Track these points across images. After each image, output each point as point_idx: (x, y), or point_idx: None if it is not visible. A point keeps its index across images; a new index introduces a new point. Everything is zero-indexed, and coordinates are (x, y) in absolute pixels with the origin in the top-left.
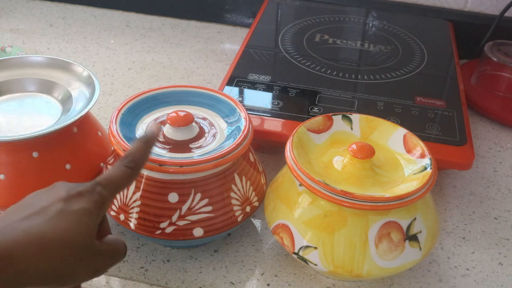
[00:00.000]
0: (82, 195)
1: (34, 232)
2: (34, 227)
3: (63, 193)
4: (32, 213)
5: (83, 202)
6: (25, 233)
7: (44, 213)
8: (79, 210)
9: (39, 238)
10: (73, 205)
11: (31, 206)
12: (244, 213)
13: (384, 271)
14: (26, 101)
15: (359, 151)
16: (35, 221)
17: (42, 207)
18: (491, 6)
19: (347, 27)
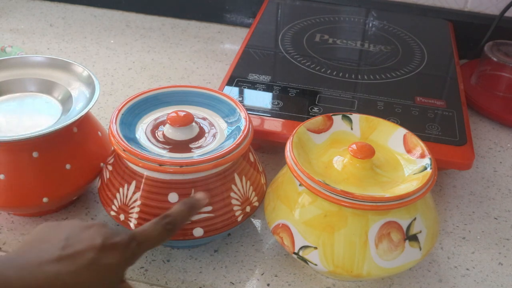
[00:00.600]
0: (116, 249)
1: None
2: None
3: (99, 241)
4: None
5: (115, 257)
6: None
7: (75, 259)
8: (109, 265)
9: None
10: (105, 258)
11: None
12: (244, 213)
13: (384, 271)
14: (26, 101)
15: (359, 151)
16: (64, 268)
17: (75, 252)
18: (491, 6)
19: (347, 27)
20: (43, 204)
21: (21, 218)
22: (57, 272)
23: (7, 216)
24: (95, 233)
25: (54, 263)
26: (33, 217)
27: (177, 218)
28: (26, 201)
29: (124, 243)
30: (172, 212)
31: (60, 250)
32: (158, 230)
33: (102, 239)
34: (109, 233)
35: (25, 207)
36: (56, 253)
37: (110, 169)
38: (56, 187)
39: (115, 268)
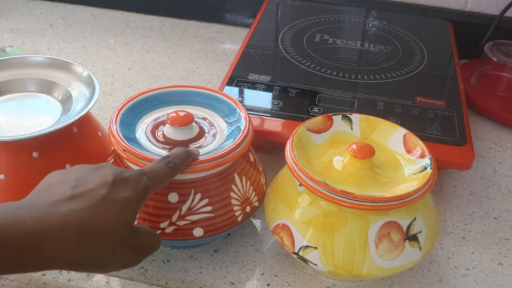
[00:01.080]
0: (128, 183)
1: (74, 218)
2: (74, 212)
3: (110, 177)
4: (76, 194)
5: (127, 191)
6: (64, 218)
7: (87, 197)
8: (122, 199)
9: (77, 226)
10: (117, 193)
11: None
12: (244, 213)
13: (384, 271)
14: (26, 101)
15: (359, 151)
16: (77, 205)
17: (86, 190)
18: (491, 6)
19: (347, 27)
20: None
21: None
22: (71, 210)
23: None
24: (105, 172)
25: (66, 202)
26: None
27: (176, 158)
28: None
29: (135, 178)
30: (171, 153)
31: (72, 189)
32: (161, 167)
33: (114, 175)
34: (119, 170)
35: None
36: (68, 193)
37: None
38: None
39: (129, 202)
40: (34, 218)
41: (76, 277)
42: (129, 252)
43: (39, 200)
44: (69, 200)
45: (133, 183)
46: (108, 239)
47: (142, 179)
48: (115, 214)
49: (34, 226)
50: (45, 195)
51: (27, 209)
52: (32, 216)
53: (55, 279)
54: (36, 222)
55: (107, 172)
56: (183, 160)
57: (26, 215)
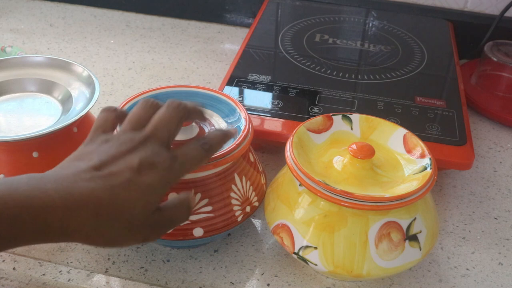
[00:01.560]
0: (155, 168)
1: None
2: (95, 191)
3: (135, 162)
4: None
5: (153, 177)
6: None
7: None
8: (146, 184)
9: (95, 205)
10: (142, 178)
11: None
12: (244, 213)
13: (384, 271)
14: (26, 101)
15: (359, 151)
16: (98, 184)
17: (109, 172)
18: (491, 6)
19: (347, 27)
20: None
21: None
22: (92, 188)
23: None
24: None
25: (88, 180)
26: None
27: (213, 140)
28: None
29: (165, 163)
30: (207, 135)
31: (96, 170)
32: (196, 150)
33: (139, 160)
34: (149, 154)
35: None
36: (91, 172)
37: None
38: None
39: (153, 188)
40: (60, 192)
41: (76, 277)
42: (148, 229)
43: (64, 173)
44: (92, 179)
45: (161, 169)
46: (126, 221)
47: (173, 165)
48: (136, 198)
49: (59, 199)
50: (71, 169)
51: (53, 182)
52: (57, 189)
53: (55, 279)
54: (61, 196)
55: (133, 158)
56: (219, 142)
57: (52, 189)
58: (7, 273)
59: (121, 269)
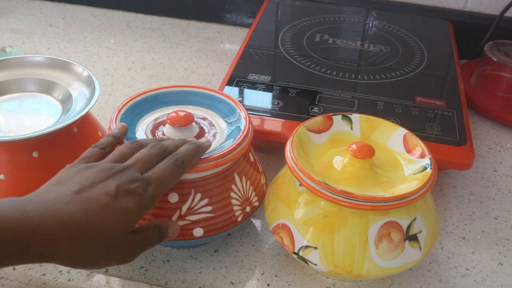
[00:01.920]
0: (131, 194)
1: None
2: (74, 215)
3: (113, 188)
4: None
5: (130, 202)
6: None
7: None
8: (123, 209)
9: (75, 228)
10: (119, 203)
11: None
12: (244, 213)
13: (384, 271)
14: (26, 101)
15: (359, 151)
16: (77, 208)
17: (88, 197)
18: (491, 6)
19: (347, 27)
20: None
21: None
22: (71, 212)
23: None
24: (109, 184)
25: (68, 203)
26: None
27: (184, 154)
28: None
29: (140, 189)
30: (179, 151)
31: (75, 194)
32: (168, 169)
33: (116, 187)
34: (124, 181)
35: None
36: (71, 196)
37: None
38: None
39: (130, 212)
40: (41, 215)
41: (76, 277)
42: (124, 252)
43: (45, 197)
44: (71, 202)
45: (137, 195)
46: (103, 243)
47: (148, 190)
48: (113, 222)
49: (40, 222)
50: (51, 193)
51: (34, 205)
52: (38, 212)
53: (55, 279)
54: (41, 219)
55: (110, 184)
56: (192, 157)
57: (33, 211)
58: (7, 273)
59: (121, 269)
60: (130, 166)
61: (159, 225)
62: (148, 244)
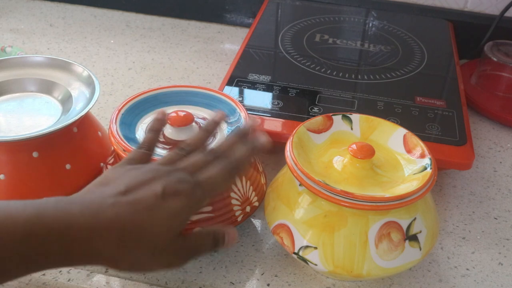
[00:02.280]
0: (179, 195)
1: (118, 222)
2: (120, 217)
3: (159, 189)
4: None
5: (177, 204)
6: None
7: (135, 204)
8: (170, 210)
9: (120, 229)
10: (166, 205)
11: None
12: (244, 213)
13: (384, 271)
14: (26, 101)
15: (359, 151)
16: (123, 209)
17: (134, 199)
18: (491, 6)
19: (347, 27)
20: None
21: None
22: (117, 213)
23: None
24: (156, 184)
25: (113, 205)
26: None
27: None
28: None
29: (188, 191)
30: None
31: (121, 195)
32: (221, 173)
33: (163, 188)
34: (172, 181)
35: None
36: (117, 197)
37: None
38: (56, 187)
39: (177, 214)
40: (85, 216)
41: (76, 277)
42: (171, 255)
43: (90, 197)
44: (117, 204)
45: (185, 196)
46: (149, 245)
47: (196, 192)
48: (159, 223)
49: (84, 223)
50: (96, 193)
51: (79, 206)
52: (83, 213)
53: (55, 279)
54: (86, 220)
55: (158, 185)
56: (245, 161)
57: (78, 212)
58: None
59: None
60: (179, 169)
61: (214, 232)
62: (200, 250)
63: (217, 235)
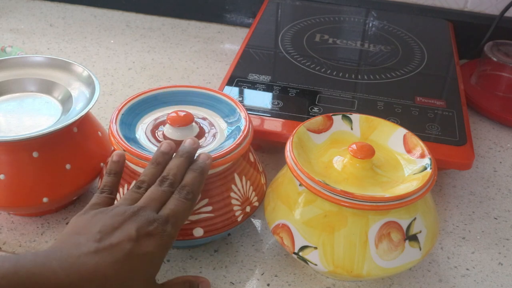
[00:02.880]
0: (152, 236)
1: (100, 273)
2: (100, 267)
3: (133, 232)
4: (101, 247)
5: (151, 245)
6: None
7: (112, 252)
8: (147, 255)
9: (102, 280)
10: (141, 248)
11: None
12: (244, 213)
13: (384, 271)
14: (26, 101)
15: (359, 151)
16: (103, 259)
17: (111, 244)
18: (491, 6)
19: (347, 27)
20: (43, 204)
21: (21, 218)
22: (97, 264)
23: (7, 216)
24: (128, 227)
25: (92, 255)
26: (33, 217)
27: (193, 185)
28: (26, 201)
29: (159, 230)
30: (187, 182)
31: (97, 242)
32: (182, 204)
33: (136, 229)
34: (142, 223)
35: (25, 207)
36: (93, 246)
37: None
38: (56, 187)
39: (154, 258)
40: (65, 270)
41: None
42: None
43: (68, 251)
44: (95, 253)
45: (158, 237)
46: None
47: (167, 229)
48: (139, 270)
49: (65, 278)
50: (72, 244)
51: (58, 260)
52: (63, 267)
53: None
54: (67, 274)
55: (130, 227)
56: (199, 184)
57: (58, 266)
58: None
59: None
60: (144, 207)
61: (189, 281)
62: None
63: (192, 284)
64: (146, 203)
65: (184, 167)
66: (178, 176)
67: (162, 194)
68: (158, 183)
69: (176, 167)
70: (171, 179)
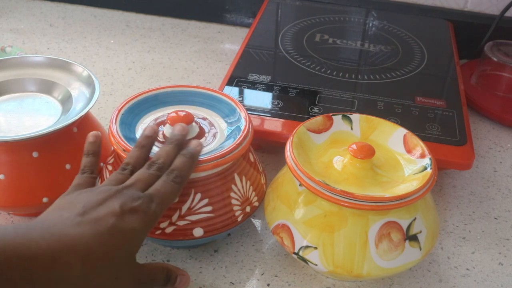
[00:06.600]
0: (136, 212)
1: (82, 244)
2: (83, 237)
3: (117, 207)
4: (84, 220)
5: (135, 221)
6: (73, 242)
7: (95, 225)
8: (130, 230)
9: (85, 251)
10: (125, 223)
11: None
12: (244, 213)
13: (384, 271)
14: (26, 101)
15: (359, 151)
16: (86, 230)
17: (94, 218)
18: (491, 6)
19: (347, 27)
20: (43, 204)
21: (21, 218)
22: (80, 234)
23: (7, 216)
24: (113, 203)
25: (75, 226)
26: (33, 217)
27: (182, 170)
28: (26, 201)
29: (144, 206)
30: (176, 166)
31: (80, 216)
32: (169, 186)
33: (120, 204)
34: (127, 199)
35: (25, 207)
36: (76, 219)
37: (110, 169)
38: (56, 187)
39: (137, 233)
40: (47, 240)
41: None
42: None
43: (50, 221)
44: (78, 225)
45: (141, 212)
46: (112, 268)
47: (151, 207)
48: (122, 244)
49: (46, 247)
50: (56, 217)
51: (39, 230)
52: (44, 237)
53: None
54: (48, 244)
55: (114, 203)
56: (188, 169)
57: (39, 236)
58: None
59: None
60: (129, 185)
61: (168, 269)
62: (153, 283)
63: (170, 273)
64: (132, 183)
65: (173, 153)
66: (167, 161)
67: (150, 177)
68: (147, 166)
69: (166, 152)
70: (159, 163)
